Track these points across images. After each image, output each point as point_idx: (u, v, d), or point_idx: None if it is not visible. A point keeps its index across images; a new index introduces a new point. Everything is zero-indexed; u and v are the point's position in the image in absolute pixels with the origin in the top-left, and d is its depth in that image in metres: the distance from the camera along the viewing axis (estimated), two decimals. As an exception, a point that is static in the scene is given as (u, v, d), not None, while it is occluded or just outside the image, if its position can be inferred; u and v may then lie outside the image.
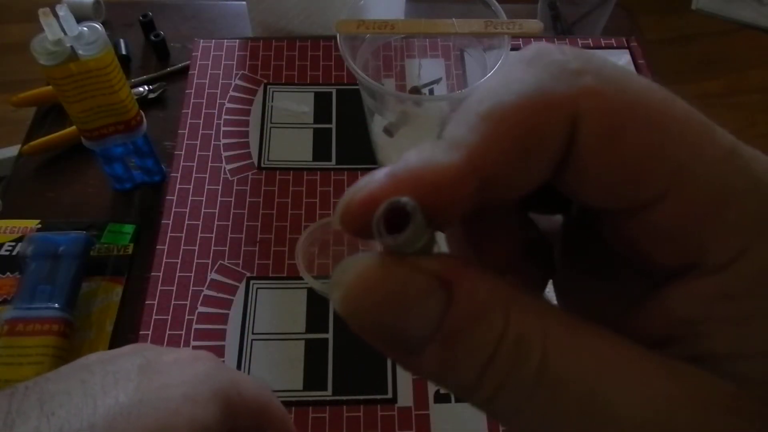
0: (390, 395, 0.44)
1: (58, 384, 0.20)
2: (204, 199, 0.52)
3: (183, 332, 0.45)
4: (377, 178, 0.12)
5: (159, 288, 0.47)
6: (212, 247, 0.49)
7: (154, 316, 0.46)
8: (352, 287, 0.12)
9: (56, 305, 0.45)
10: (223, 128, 0.56)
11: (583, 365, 0.11)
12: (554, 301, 0.16)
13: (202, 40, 0.62)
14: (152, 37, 0.63)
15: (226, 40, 0.62)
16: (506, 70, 0.13)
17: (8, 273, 0.48)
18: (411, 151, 0.13)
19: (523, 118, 0.12)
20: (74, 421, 0.18)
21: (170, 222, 0.50)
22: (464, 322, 0.12)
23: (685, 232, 0.12)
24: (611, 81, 0.12)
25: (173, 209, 0.51)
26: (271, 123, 0.57)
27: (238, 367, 0.44)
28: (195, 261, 0.49)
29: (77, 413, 0.19)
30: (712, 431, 0.11)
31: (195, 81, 0.59)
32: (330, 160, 0.55)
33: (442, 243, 0.17)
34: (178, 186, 0.52)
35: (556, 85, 0.12)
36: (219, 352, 0.45)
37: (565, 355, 0.11)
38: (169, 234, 0.50)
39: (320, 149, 0.56)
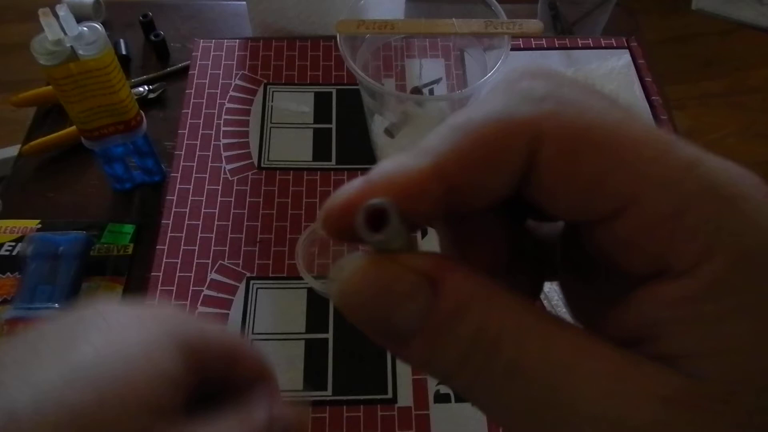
0: (390, 395, 0.44)
1: (9, 352, 0.19)
2: (204, 199, 0.52)
3: (183, 332, 0.45)
4: (354, 184, 0.14)
5: (159, 288, 0.47)
6: (212, 247, 0.49)
7: (154, 316, 0.46)
8: (346, 284, 0.13)
9: (56, 305, 0.45)
10: (223, 128, 0.56)
11: (551, 363, 0.12)
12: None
13: (202, 40, 0.62)
14: (152, 37, 0.63)
15: (226, 40, 0.62)
16: (483, 96, 0.14)
17: (8, 273, 0.48)
18: (386, 159, 0.14)
19: (488, 134, 0.13)
20: (25, 389, 0.18)
21: (170, 222, 0.50)
22: (446, 319, 0.13)
23: (648, 240, 0.13)
24: (571, 105, 0.13)
25: (173, 209, 0.51)
26: (271, 123, 0.57)
27: (238, 367, 0.44)
28: (195, 261, 0.49)
29: (27, 380, 0.18)
30: (665, 426, 0.12)
31: (195, 81, 0.59)
32: (330, 160, 0.55)
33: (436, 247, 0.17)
34: (178, 186, 0.52)
35: (521, 108, 0.13)
36: (219, 352, 0.45)
37: (534, 353, 0.13)
38: (169, 234, 0.50)
39: (320, 149, 0.56)
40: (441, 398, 0.43)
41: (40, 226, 0.51)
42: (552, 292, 0.46)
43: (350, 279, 0.13)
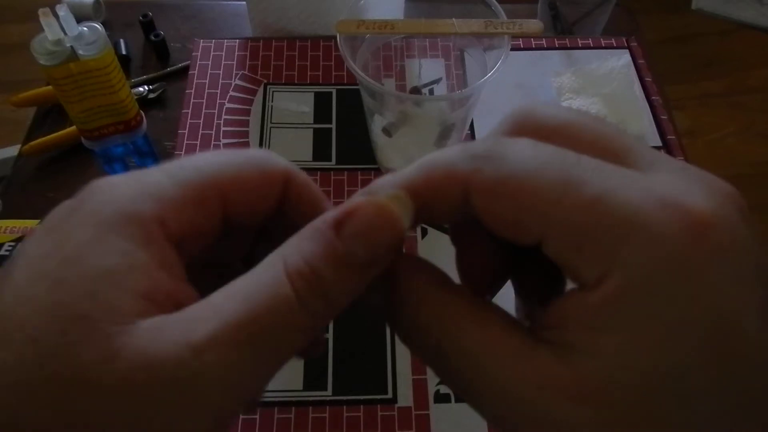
0: (390, 395, 0.44)
1: None
2: (204, 199, 0.52)
3: (183, 332, 0.45)
4: (355, 197, 0.18)
5: (159, 288, 0.47)
6: (212, 247, 0.49)
7: (154, 316, 0.46)
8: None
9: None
10: (223, 128, 0.56)
11: (470, 347, 0.16)
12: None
13: (202, 40, 0.62)
14: (152, 37, 0.63)
15: (226, 40, 0.62)
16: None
17: (8, 273, 0.48)
18: (381, 177, 0.19)
19: (434, 177, 0.17)
20: None
21: (170, 222, 0.50)
22: (396, 307, 0.18)
23: (565, 263, 0.16)
24: (498, 161, 0.16)
25: (173, 209, 0.51)
26: (271, 123, 0.57)
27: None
28: (195, 261, 0.49)
29: None
30: (547, 407, 0.15)
31: (195, 81, 0.59)
32: (330, 160, 0.55)
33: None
34: (178, 186, 0.52)
35: (461, 164, 0.17)
36: (219, 352, 0.45)
37: (454, 339, 0.17)
38: (169, 234, 0.50)
39: (320, 149, 0.56)
40: (441, 398, 0.43)
41: (40, 226, 0.51)
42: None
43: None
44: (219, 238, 0.20)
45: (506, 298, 0.21)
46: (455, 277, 0.19)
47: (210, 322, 0.16)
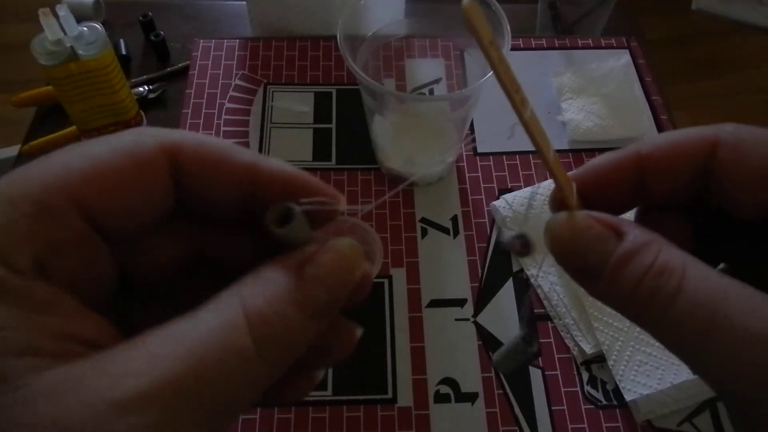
0: (390, 395, 0.44)
1: None
2: (204, 199, 0.52)
3: (183, 332, 0.45)
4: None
5: (159, 288, 0.47)
6: (212, 247, 0.49)
7: (154, 316, 0.46)
8: (552, 232, 0.18)
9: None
10: (223, 128, 0.56)
11: (710, 290, 0.16)
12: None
13: (202, 40, 0.62)
14: (152, 37, 0.63)
15: (226, 40, 0.62)
16: None
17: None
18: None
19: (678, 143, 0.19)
20: None
21: (170, 222, 0.50)
22: (626, 257, 0.17)
23: None
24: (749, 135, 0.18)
25: (173, 209, 0.51)
26: (271, 123, 0.57)
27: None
28: (195, 261, 0.49)
29: None
30: None
31: (195, 81, 0.59)
32: (330, 160, 0.55)
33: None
34: (178, 186, 0.52)
35: (703, 130, 0.19)
36: (219, 352, 0.45)
37: (696, 283, 0.16)
38: (169, 234, 0.50)
39: (320, 149, 0.55)
40: (441, 398, 0.43)
41: (40, 226, 0.51)
42: (552, 292, 0.46)
43: (555, 229, 0.18)
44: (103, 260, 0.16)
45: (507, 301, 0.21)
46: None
47: (143, 377, 0.12)
